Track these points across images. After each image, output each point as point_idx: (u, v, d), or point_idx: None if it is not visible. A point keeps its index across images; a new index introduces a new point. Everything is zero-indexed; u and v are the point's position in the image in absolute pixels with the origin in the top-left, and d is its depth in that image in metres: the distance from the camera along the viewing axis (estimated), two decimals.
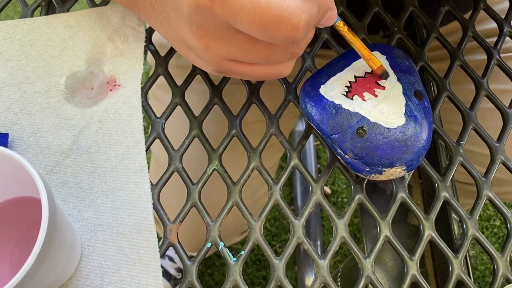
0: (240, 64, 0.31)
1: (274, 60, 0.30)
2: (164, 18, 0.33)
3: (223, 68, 0.31)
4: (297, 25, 0.26)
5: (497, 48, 0.41)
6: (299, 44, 0.30)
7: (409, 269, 0.33)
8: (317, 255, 0.34)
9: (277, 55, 0.30)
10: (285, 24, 0.25)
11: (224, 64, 0.31)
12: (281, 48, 0.29)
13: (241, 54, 0.29)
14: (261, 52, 0.29)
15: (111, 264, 0.33)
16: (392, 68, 0.34)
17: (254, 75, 0.32)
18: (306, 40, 0.31)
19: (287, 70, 0.33)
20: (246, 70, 0.31)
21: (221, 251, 0.34)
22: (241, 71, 0.31)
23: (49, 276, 0.29)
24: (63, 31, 0.41)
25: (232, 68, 0.31)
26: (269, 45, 0.29)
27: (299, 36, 0.26)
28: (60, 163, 0.36)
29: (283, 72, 0.32)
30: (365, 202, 0.35)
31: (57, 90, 0.39)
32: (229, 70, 0.31)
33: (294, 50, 0.30)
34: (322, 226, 1.16)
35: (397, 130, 0.31)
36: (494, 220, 1.19)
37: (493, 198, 0.36)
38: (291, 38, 0.26)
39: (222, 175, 0.36)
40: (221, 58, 0.30)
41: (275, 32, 0.26)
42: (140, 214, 0.34)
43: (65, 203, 0.35)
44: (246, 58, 0.30)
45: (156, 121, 0.38)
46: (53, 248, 0.26)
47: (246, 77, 0.32)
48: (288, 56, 0.30)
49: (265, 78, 0.33)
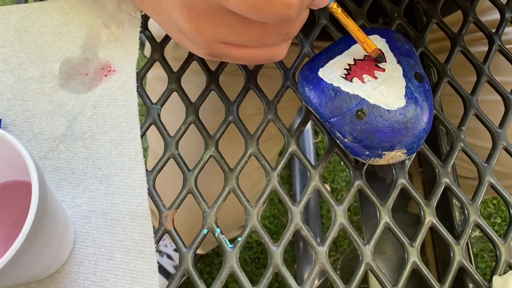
0: (233, 47, 0.30)
1: (267, 42, 0.29)
2: (155, 1, 0.32)
3: (215, 52, 0.30)
4: (289, 3, 0.25)
5: (498, 33, 0.40)
6: (293, 24, 0.29)
7: (410, 255, 0.33)
8: (315, 242, 0.33)
9: (271, 37, 0.29)
10: (277, 2, 0.25)
11: (216, 47, 0.30)
12: (274, 29, 0.28)
13: (233, 36, 0.28)
14: (253, 33, 0.28)
15: (105, 251, 0.33)
16: (392, 51, 0.34)
17: (248, 59, 0.31)
18: (300, 21, 0.30)
19: (282, 53, 0.32)
20: (239, 53, 0.30)
21: (217, 238, 0.33)
22: (234, 54, 0.30)
23: (40, 261, 0.28)
24: (58, 17, 0.40)
25: (225, 51, 0.30)
26: (261, 26, 0.28)
27: (292, 15, 0.25)
28: (54, 149, 0.36)
29: (278, 55, 0.32)
30: (364, 188, 0.35)
31: (51, 76, 0.38)
32: (221, 53, 0.30)
33: (288, 31, 0.29)
34: (321, 223, 1.15)
35: (397, 112, 0.31)
36: (495, 218, 1.18)
37: (495, 184, 0.35)
38: (284, 16, 0.25)
39: (219, 162, 0.36)
40: (213, 40, 0.29)
41: (268, 10, 0.25)
42: (135, 200, 0.33)
43: (59, 190, 0.35)
44: (238, 40, 0.29)
45: (152, 107, 0.37)
46: (43, 230, 0.26)
47: (240, 60, 0.31)
48: (282, 37, 0.29)
49: (259, 62, 0.32)
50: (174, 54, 0.60)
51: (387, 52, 0.34)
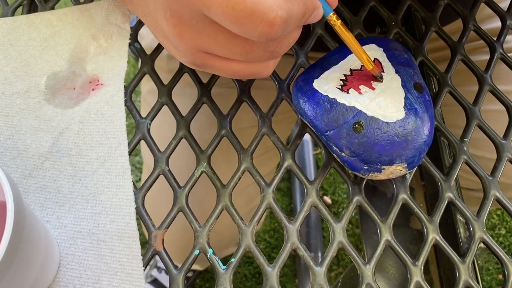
0: (217, 58, 0.29)
1: (252, 58, 0.28)
2: (144, 4, 0.31)
3: (198, 61, 0.29)
4: (272, 22, 0.23)
5: (500, 41, 0.39)
6: (280, 43, 0.28)
7: (413, 275, 0.31)
8: (313, 262, 0.31)
9: (256, 53, 0.27)
10: (259, 19, 0.23)
11: (199, 56, 0.28)
12: (260, 45, 0.27)
13: (217, 47, 0.27)
14: (237, 47, 0.27)
15: (91, 274, 0.31)
16: (390, 61, 0.32)
17: (231, 72, 0.30)
18: (289, 39, 0.28)
19: (268, 70, 0.30)
20: (223, 66, 0.29)
21: (209, 259, 0.32)
22: (217, 66, 0.29)
23: (20, 286, 0.26)
24: (45, 30, 0.39)
25: (208, 61, 0.29)
26: (246, 40, 0.26)
27: (274, 34, 0.24)
28: (39, 166, 0.34)
29: (263, 72, 0.30)
30: (364, 204, 0.33)
31: (37, 91, 0.37)
32: (204, 63, 0.29)
33: (274, 49, 0.28)
34: (323, 237, 1.13)
35: (397, 125, 0.29)
36: (499, 229, 1.16)
37: (501, 198, 0.33)
38: (266, 35, 0.24)
39: (211, 178, 0.34)
40: (196, 49, 0.28)
41: (249, 26, 0.24)
42: (122, 220, 0.32)
43: (43, 209, 0.33)
44: (221, 52, 0.28)
45: (141, 122, 0.36)
46: (21, 253, 0.24)
47: (223, 73, 0.30)
48: (268, 55, 0.28)
49: (243, 77, 0.30)
50: (169, 66, 0.59)
51: (385, 62, 0.32)
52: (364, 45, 0.34)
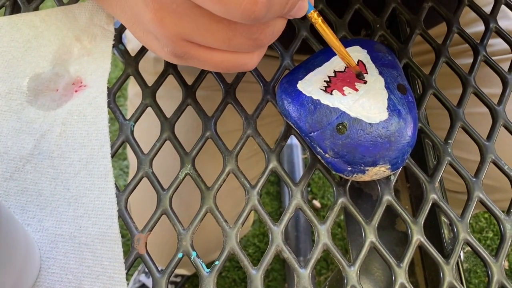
0: (199, 48, 0.28)
1: (235, 45, 0.27)
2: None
3: (179, 50, 0.28)
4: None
5: (483, 43, 0.39)
6: (263, 30, 0.27)
7: (397, 277, 0.31)
8: (297, 264, 0.31)
9: (239, 39, 0.27)
10: None
11: (180, 44, 0.28)
12: (243, 31, 0.27)
13: (198, 34, 0.27)
14: (220, 33, 0.26)
15: (73, 278, 0.31)
16: (374, 62, 0.32)
17: (214, 63, 0.29)
18: (273, 28, 0.28)
19: (252, 62, 0.30)
20: (205, 56, 0.29)
21: (193, 262, 0.31)
22: (199, 55, 0.28)
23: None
24: (28, 31, 0.39)
25: (190, 51, 0.28)
26: (229, 25, 0.26)
27: (258, 13, 0.24)
28: (20, 169, 0.34)
29: (248, 63, 0.29)
30: (348, 206, 0.33)
31: (19, 93, 0.36)
32: (186, 52, 0.28)
33: (258, 36, 0.27)
34: (312, 241, 1.13)
35: (380, 126, 0.29)
36: (487, 232, 1.17)
37: (485, 199, 0.33)
38: (249, 13, 0.24)
39: (195, 180, 0.34)
40: (177, 37, 0.27)
41: (231, 4, 0.23)
42: (105, 223, 0.31)
43: (24, 212, 0.32)
44: (203, 39, 0.27)
45: (125, 124, 0.35)
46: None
47: (206, 64, 0.29)
48: (251, 43, 0.27)
49: (227, 68, 0.30)
50: (155, 69, 0.59)
51: (369, 64, 0.32)
52: (348, 47, 0.34)
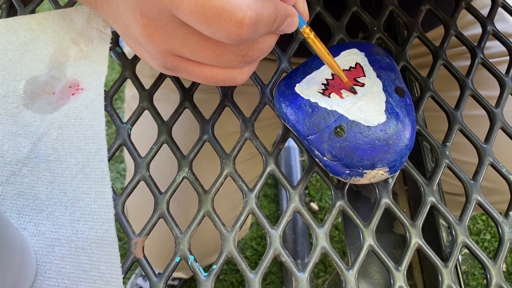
0: (188, 62, 0.28)
1: (224, 62, 0.27)
2: (115, 9, 0.31)
3: (169, 64, 0.28)
4: (241, 22, 0.23)
5: (480, 46, 0.39)
6: (252, 47, 0.27)
7: (396, 280, 0.31)
8: (295, 268, 0.31)
9: (227, 56, 0.27)
10: (228, 19, 0.23)
11: (170, 59, 0.28)
12: (231, 49, 0.27)
13: (187, 50, 0.27)
14: (208, 50, 0.26)
15: (69, 283, 0.30)
16: (371, 65, 0.32)
17: (204, 77, 0.29)
18: (262, 45, 0.28)
19: (242, 77, 0.30)
20: (195, 70, 0.29)
21: (190, 266, 0.31)
22: (189, 69, 0.29)
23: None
24: (24, 34, 0.38)
25: (179, 65, 0.28)
26: (217, 43, 0.26)
27: (243, 35, 0.24)
28: (16, 173, 0.33)
29: (237, 78, 0.29)
30: (347, 209, 0.33)
31: (15, 96, 0.36)
32: (176, 67, 0.28)
33: (246, 53, 0.27)
34: (309, 244, 1.13)
35: (378, 129, 0.29)
36: (484, 234, 1.17)
37: (483, 202, 0.33)
38: (235, 35, 0.24)
39: (193, 183, 0.34)
40: (166, 51, 0.27)
41: (217, 26, 0.23)
42: (101, 227, 0.31)
43: (20, 216, 0.32)
44: (192, 55, 0.27)
45: (122, 127, 0.35)
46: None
47: (196, 78, 0.29)
48: (240, 59, 0.27)
49: (217, 83, 0.30)
50: (152, 71, 0.58)
51: (366, 66, 0.32)
52: (346, 49, 0.34)
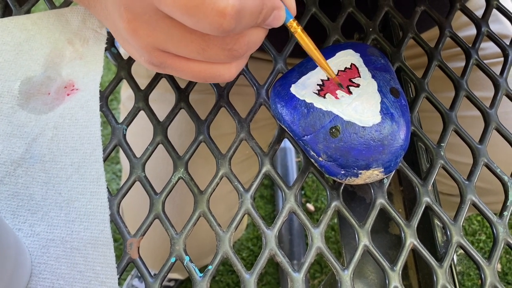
0: (174, 57, 0.28)
1: (210, 56, 0.27)
2: (104, 7, 0.30)
3: (155, 60, 0.28)
4: (223, 11, 0.23)
5: (475, 47, 0.40)
6: (238, 40, 0.27)
7: (391, 280, 0.31)
8: (291, 268, 0.31)
9: (213, 50, 0.27)
10: (209, 8, 0.23)
11: (155, 54, 0.28)
12: (217, 42, 0.26)
13: (172, 44, 0.26)
14: (193, 43, 0.26)
15: (64, 283, 0.30)
16: (367, 66, 0.32)
17: (191, 73, 0.29)
18: (249, 38, 0.27)
19: (230, 73, 0.29)
20: (181, 66, 0.28)
21: (186, 267, 0.31)
22: (175, 65, 0.28)
23: None
24: (19, 34, 0.38)
25: (166, 60, 0.28)
26: (202, 36, 0.26)
27: (226, 25, 0.23)
28: (11, 173, 0.33)
29: (225, 74, 0.29)
30: (342, 209, 0.33)
31: (10, 96, 0.36)
32: (162, 62, 0.28)
33: (232, 47, 0.27)
34: (305, 244, 1.13)
35: (373, 129, 0.29)
36: (480, 235, 1.17)
37: (477, 202, 0.34)
38: (217, 25, 0.23)
39: (188, 184, 0.34)
40: (151, 47, 0.27)
41: (199, 16, 0.23)
42: (97, 227, 0.31)
43: (15, 217, 0.32)
44: (177, 49, 0.27)
45: (117, 127, 0.35)
46: None
47: (183, 74, 0.29)
48: (226, 53, 0.27)
49: (204, 79, 0.29)
50: (148, 72, 0.58)
51: (362, 67, 0.32)
52: (341, 50, 0.34)
